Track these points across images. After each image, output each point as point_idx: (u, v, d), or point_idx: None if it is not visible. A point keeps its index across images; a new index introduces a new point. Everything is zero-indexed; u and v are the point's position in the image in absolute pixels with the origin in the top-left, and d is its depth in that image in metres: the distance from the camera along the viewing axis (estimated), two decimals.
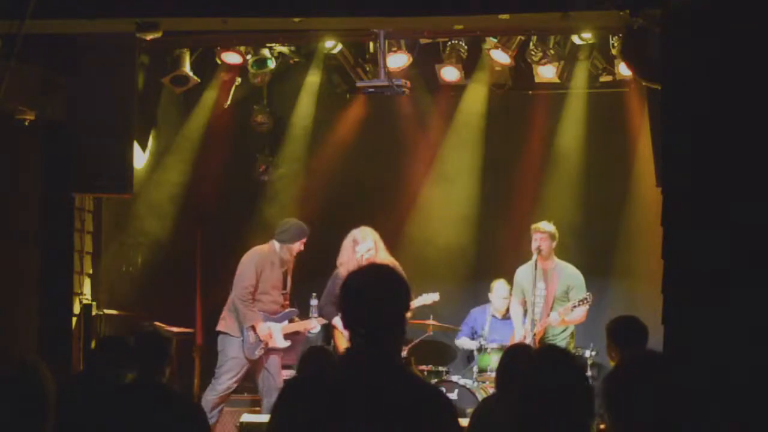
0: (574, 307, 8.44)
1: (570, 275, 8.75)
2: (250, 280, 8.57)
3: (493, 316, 9.49)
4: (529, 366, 3.48)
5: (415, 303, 8.63)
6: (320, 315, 8.87)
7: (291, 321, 8.71)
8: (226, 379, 8.46)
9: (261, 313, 8.57)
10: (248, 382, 9.01)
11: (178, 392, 5.32)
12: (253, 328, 8.52)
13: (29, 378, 3.05)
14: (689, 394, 3.54)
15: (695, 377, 5.43)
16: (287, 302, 8.80)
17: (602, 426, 6.70)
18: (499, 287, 9.42)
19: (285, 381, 3.53)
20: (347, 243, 8.73)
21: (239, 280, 8.60)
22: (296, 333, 8.86)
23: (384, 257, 8.68)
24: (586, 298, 8.45)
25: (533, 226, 8.73)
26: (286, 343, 8.66)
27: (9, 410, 3.00)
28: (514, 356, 5.32)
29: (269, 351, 8.60)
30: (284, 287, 8.74)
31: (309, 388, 3.23)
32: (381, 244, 8.73)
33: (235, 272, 8.75)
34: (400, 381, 3.19)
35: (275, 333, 8.57)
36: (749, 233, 5.66)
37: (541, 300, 8.62)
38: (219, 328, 8.65)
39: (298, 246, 8.73)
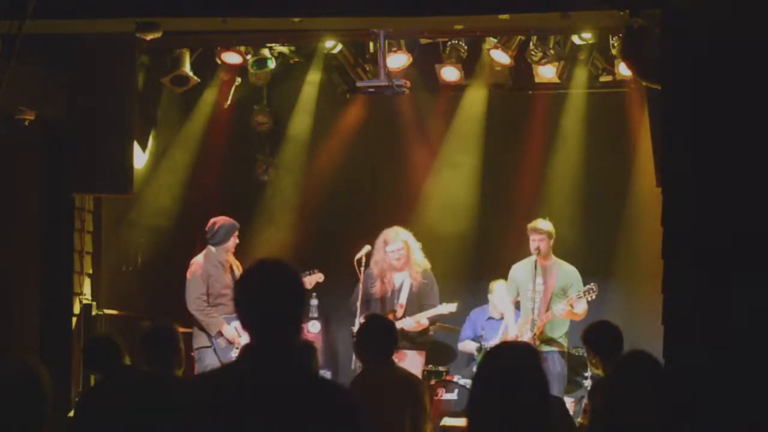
0: (579, 297, 8.45)
1: (567, 272, 8.74)
2: (199, 290, 8.48)
3: (491, 317, 9.48)
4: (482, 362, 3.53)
5: (434, 312, 8.61)
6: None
7: None
8: None
9: (224, 316, 8.53)
10: None
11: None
12: (220, 333, 8.48)
13: (29, 379, 3.05)
14: (687, 394, 3.55)
15: (695, 377, 5.44)
16: None
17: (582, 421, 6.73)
18: (499, 288, 9.41)
19: (192, 377, 3.54)
20: (378, 243, 8.70)
21: (189, 294, 8.50)
22: None
23: (417, 258, 8.66)
24: (592, 288, 8.45)
25: (530, 225, 8.70)
26: None
27: (9, 411, 3.00)
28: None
29: None
30: None
31: (207, 386, 3.20)
32: (414, 245, 8.68)
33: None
34: (297, 380, 3.15)
35: (242, 330, 8.53)
36: (749, 233, 5.66)
37: (539, 297, 8.59)
38: (194, 346, 8.60)
39: (232, 243, 8.67)
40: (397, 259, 8.60)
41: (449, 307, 8.66)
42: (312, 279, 8.88)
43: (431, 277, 8.72)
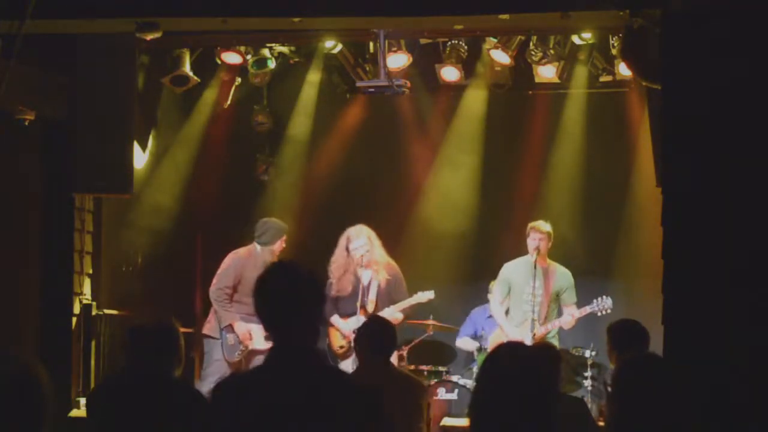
0: (593, 311, 8.47)
1: (562, 275, 8.75)
2: (227, 282, 8.53)
3: (492, 316, 9.47)
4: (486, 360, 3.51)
5: (411, 301, 8.63)
6: None
7: None
8: (210, 381, 8.42)
9: (241, 315, 8.53)
10: None
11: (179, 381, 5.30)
12: (231, 327, 8.48)
13: (27, 380, 3.04)
14: (689, 395, 3.53)
15: (695, 378, 5.43)
16: None
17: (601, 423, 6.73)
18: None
19: (216, 381, 3.59)
20: (341, 241, 8.72)
21: (217, 279, 8.58)
22: None
23: (380, 255, 8.67)
24: (607, 308, 8.47)
25: (531, 225, 8.71)
26: (268, 344, 8.58)
27: (6, 413, 2.99)
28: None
29: (253, 353, 8.54)
30: None
31: (234, 388, 3.26)
32: (376, 242, 8.70)
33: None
34: (321, 379, 3.21)
35: (255, 334, 8.50)
36: (749, 233, 5.66)
37: (540, 299, 8.59)
38: (203, 330, 8.62)
39: (279, 245, 8.70)
40: (361, 255, 8.59)
41: (427, 295, 8.67)
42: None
43: (396, 271, 8.70)
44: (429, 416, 5.94)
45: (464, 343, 9.52)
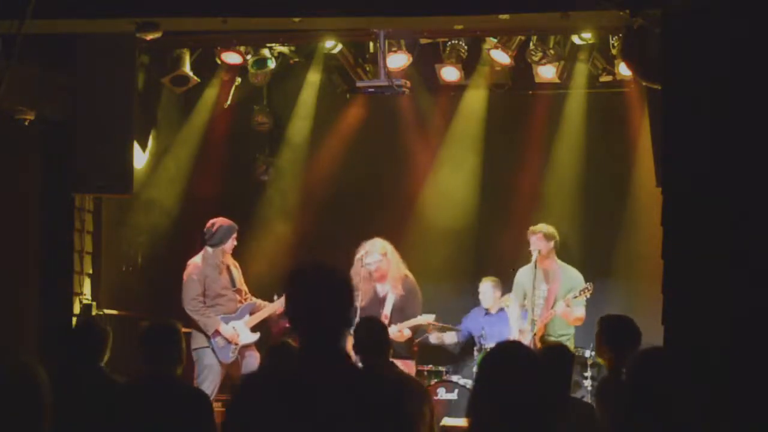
0: (576, 297, 8.46)
1: (572, 277, 8.75)
2: (195, 291, 8.51)
3: (489, 313, 9.50)
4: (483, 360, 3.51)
5: (413, 322, 8.57)
6: None
7: (253, 313, 8.71)
8: (205, 387, 8.42)
9: (221, 317, 8.55)
10: None
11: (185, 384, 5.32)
12: (217, 332, 8.50)
13: (25, 380, 3.04)
14: (693, 393, 3.53)
15: (695, 377, 5.43)
16: (245, 297, 8.78)
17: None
18: (485, 289, 9.47)
19: (240, 377, 3.51)
20: (357, 255, 8.67)
21: (185, 295, 8.55)
22: (266, 320, 8.85)
23: (396, 269, 8.61)
24: (587, 288, 8.47)
25: (529, 229, 8.74)
26: (256, 336, 8.65)
27: (6, 412, 2.99)
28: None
29: (243, 351, 8.57)
30: (234, 285, 8.71)
31: (263, 386, 3.24)
32: (393, 256, 8.60)
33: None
34: (356, 379, 3.21)
35: (240, 330, 8.55)
36: (749, 233, 5.66)
37: (541, 301, 8.61)
38: (191, 346, 8.61)
39: (230, 245, 8.69)
40: (376, 270, 8.55)
41: (427, 317, 8.64)
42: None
43: (411, 285, 8.63)
44: (432, 421, 5.92)
45: (463, 337, 9.54)
